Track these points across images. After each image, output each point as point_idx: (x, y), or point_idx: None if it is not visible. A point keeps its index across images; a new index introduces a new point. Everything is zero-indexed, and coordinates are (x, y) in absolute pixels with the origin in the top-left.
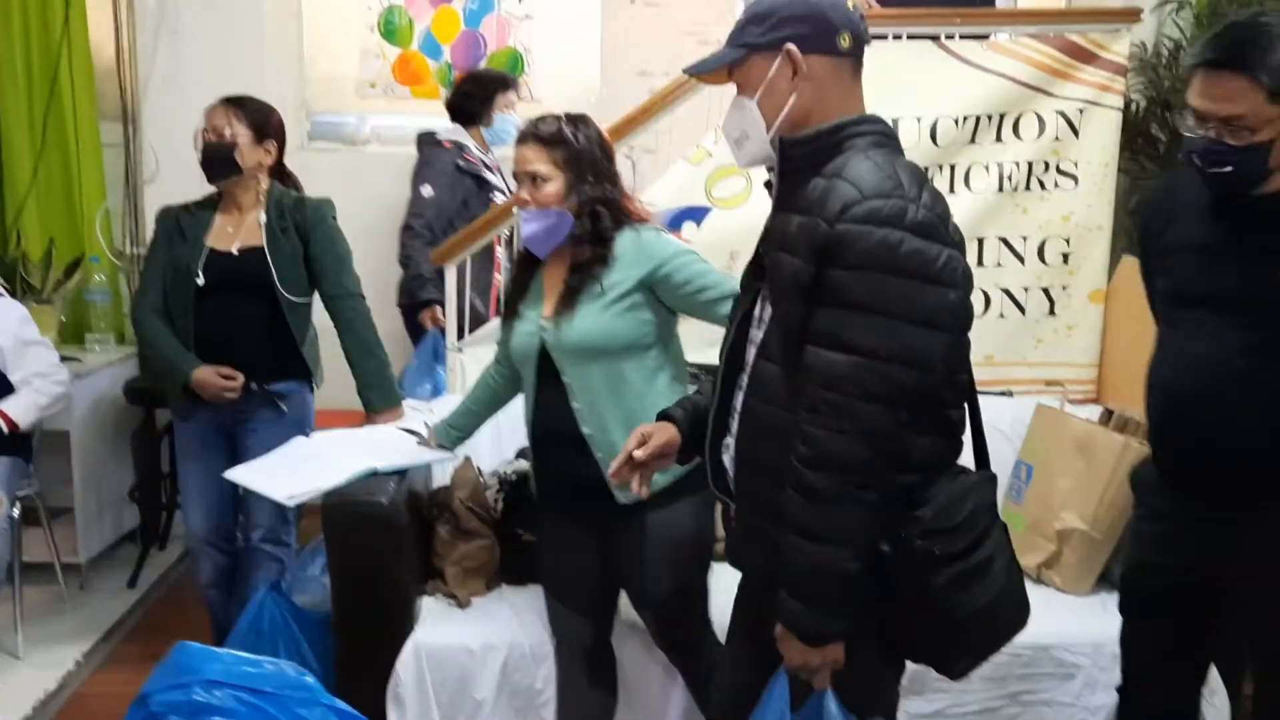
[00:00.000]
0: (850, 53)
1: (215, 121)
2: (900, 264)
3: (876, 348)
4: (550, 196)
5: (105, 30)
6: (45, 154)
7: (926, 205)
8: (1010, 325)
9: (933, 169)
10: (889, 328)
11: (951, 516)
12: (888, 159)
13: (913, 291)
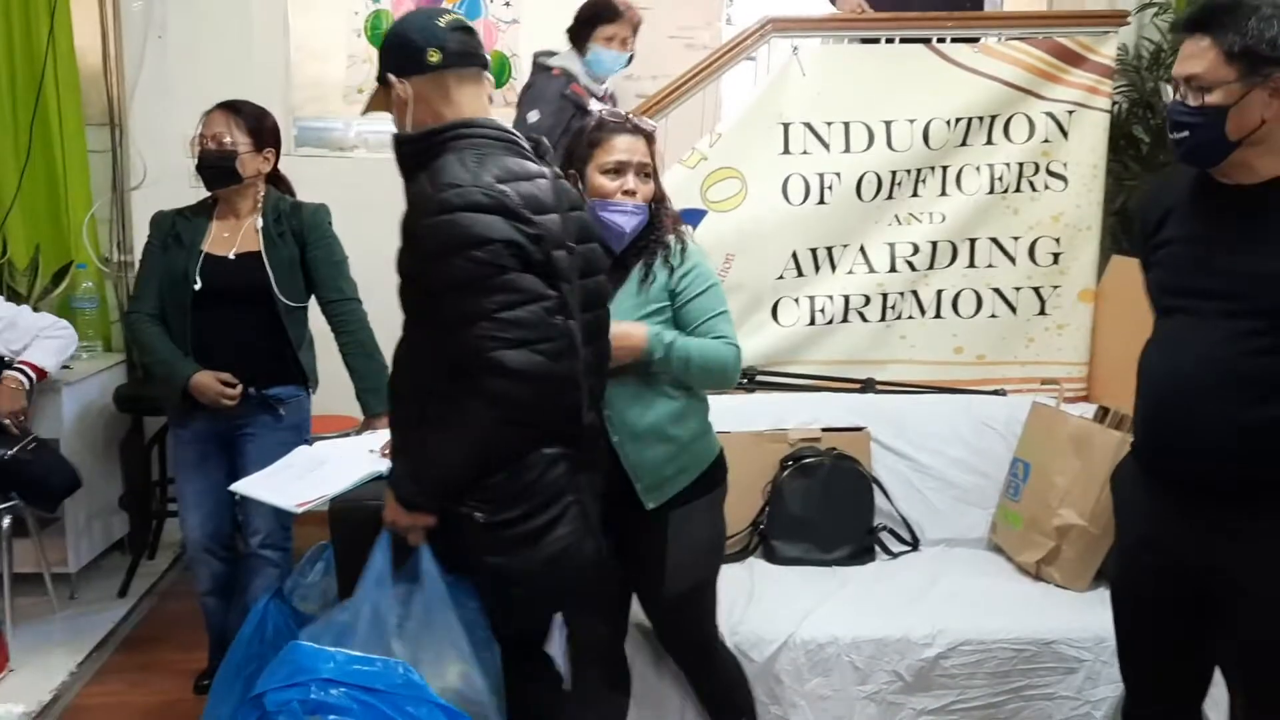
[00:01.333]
0: (446, 64)
1: (215, 129)
2: (466, 238)
3: (485, 311)
4: (650, 194)
5: (91, 36)
6: (31, 161)
7: (484, 187)
8: (1002, 325)
9: (925, 170)
10: (487, 287)
11: (506, 487)
12: (477, 158)
13: (490, 256)
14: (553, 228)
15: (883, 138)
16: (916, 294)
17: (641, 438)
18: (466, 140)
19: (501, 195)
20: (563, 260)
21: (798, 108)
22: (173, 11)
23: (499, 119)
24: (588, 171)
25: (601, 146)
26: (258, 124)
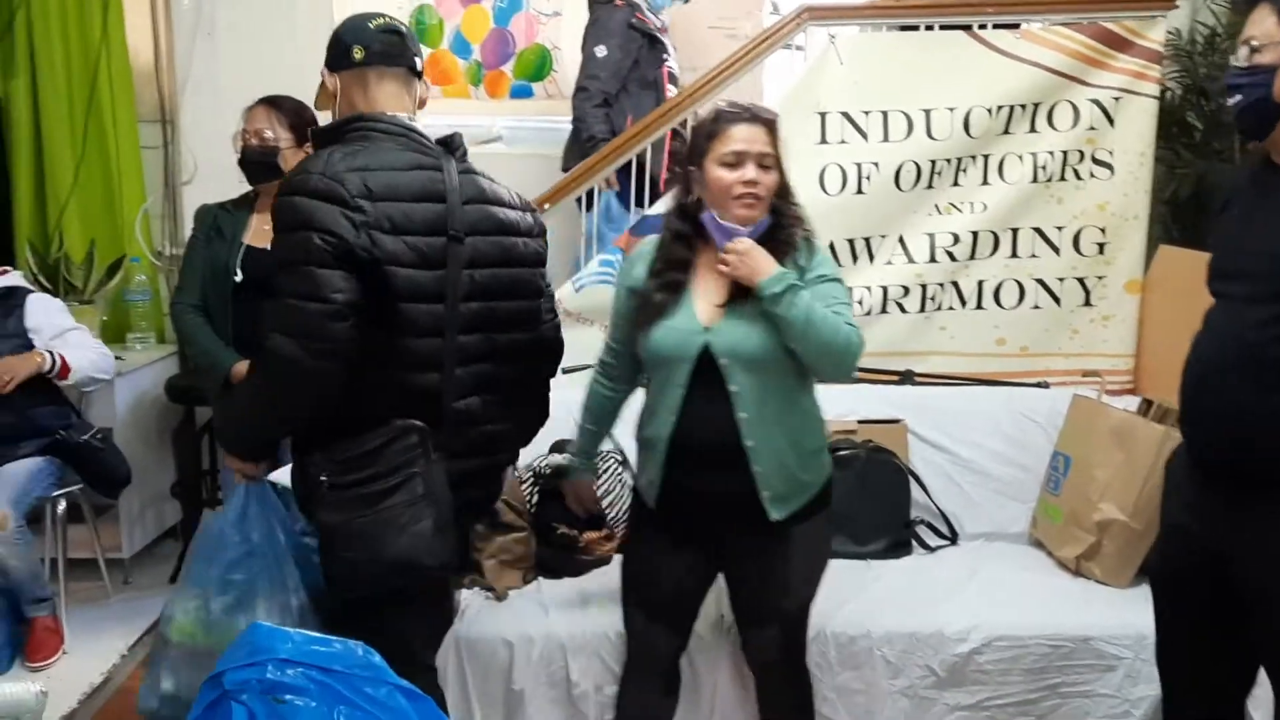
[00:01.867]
0: (367, 62)
1: (256, 124)
2: (292, 220)
3: (288, 291)
4: (774, 184)
5: (143, 34)
6: (86, 157)
7: (329, 174)
8: (1045, 316)
9: (965, 159)
10: (294, 272)
11: (350, 450)
12: (352, 149)
13: (302, 241)
14: (411, 216)
15: (922, 126)
16: (957, 285)
17: (776, 447)
18: (359, 132)
19: (337, 182)
20: (412, 248)
21: (835, 97)
22: (221, 9)
23: (406, 116)
24: (706, 164)
25: (719, 137)
26: (298, 119)
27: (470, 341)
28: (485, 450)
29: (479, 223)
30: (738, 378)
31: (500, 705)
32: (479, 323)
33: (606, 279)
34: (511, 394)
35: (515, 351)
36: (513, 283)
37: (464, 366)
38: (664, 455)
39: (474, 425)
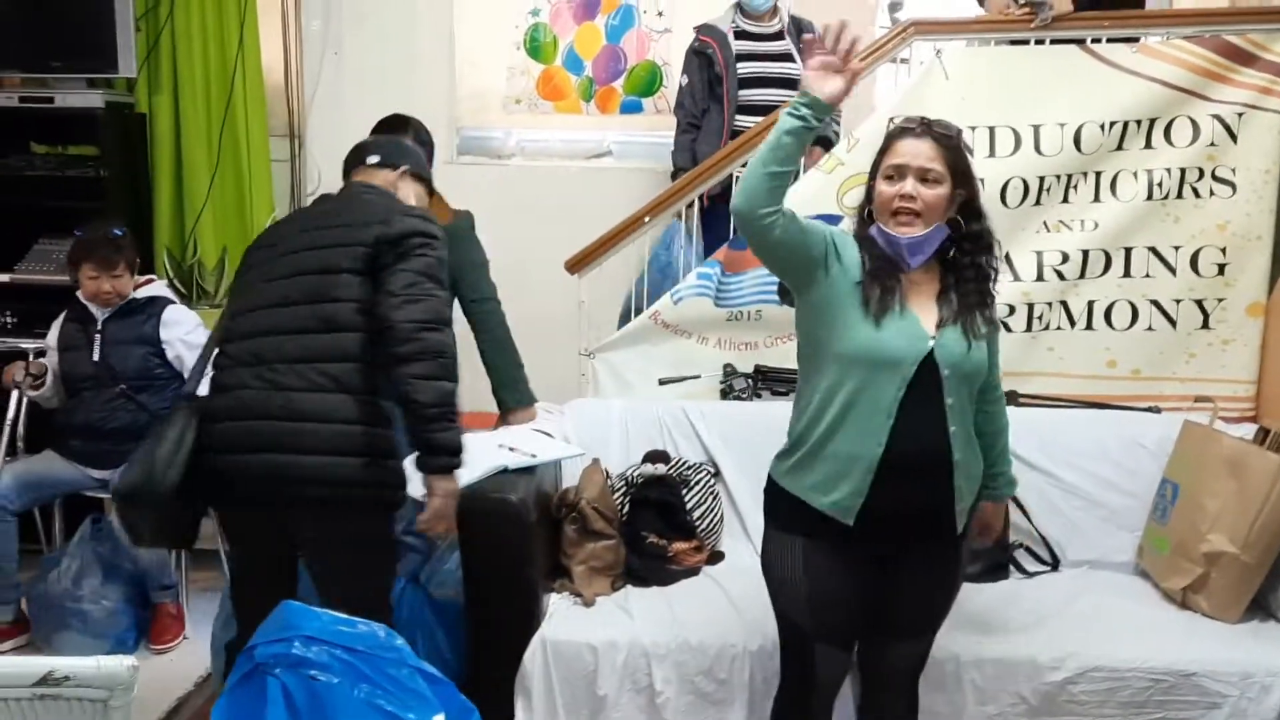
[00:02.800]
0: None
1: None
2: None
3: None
4: (937, 199)
5: (276, 54)
6: (220, 169)
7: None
8: (1159, 339)
9: (1076, 176)
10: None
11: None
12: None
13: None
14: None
15: (1030, 142)
16: (1066, 304)
17: (971, 460)
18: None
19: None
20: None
21: (940, 112)
22: (348, 30)
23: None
24: (876, 180)
25: (886, 151)
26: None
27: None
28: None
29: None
30: (955, 390)
31: (584, 709)
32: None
33: (704, 291)
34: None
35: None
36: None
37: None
38: (873, 470)
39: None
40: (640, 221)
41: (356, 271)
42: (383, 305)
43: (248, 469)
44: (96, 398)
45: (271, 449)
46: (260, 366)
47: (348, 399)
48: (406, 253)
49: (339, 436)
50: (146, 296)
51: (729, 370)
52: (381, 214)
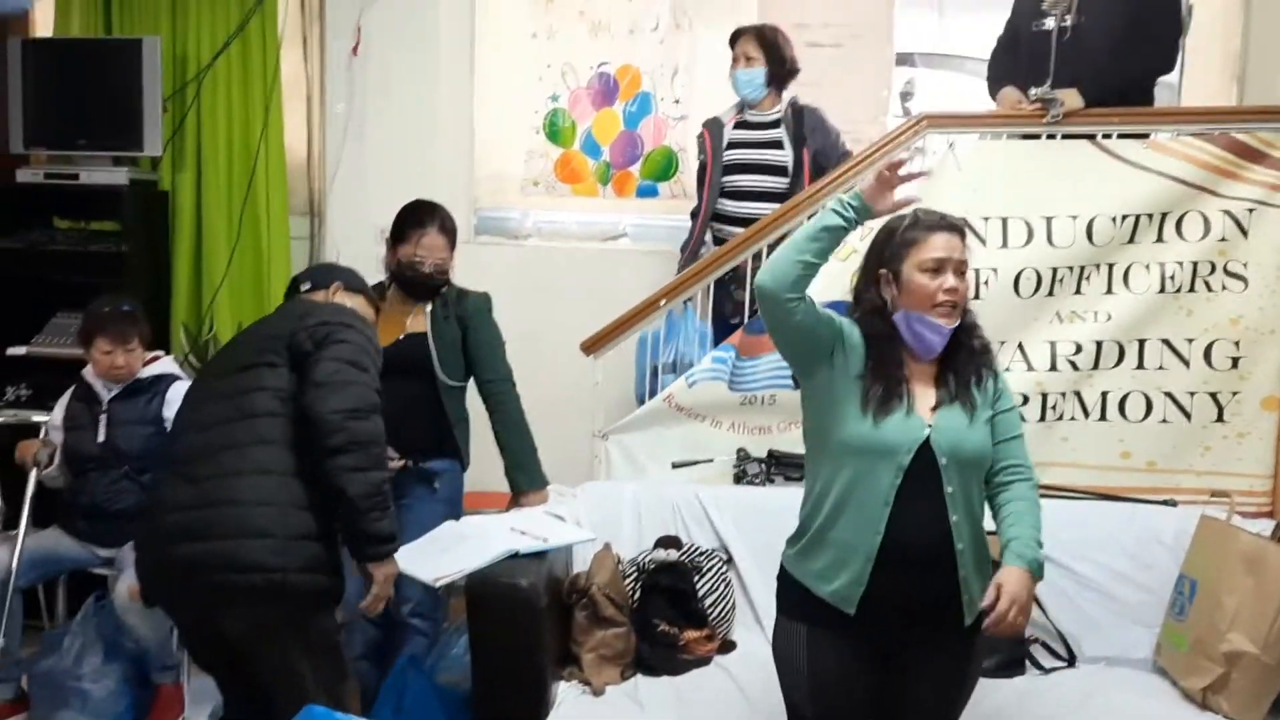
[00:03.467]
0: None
1: (438, 255)
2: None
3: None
4: (966, 292)
5: (299, 134)
6: (240, 246)
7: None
8: (1174, 431)
9: (1089, 267)
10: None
11: None
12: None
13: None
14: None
15: (1043, 233)
16: (1079, 395)
17: (975, 549)
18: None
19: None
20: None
21: (952, 203)
22: (370, 113)
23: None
24: (904, 269)
25: (919, 245)
26: (456, 237)
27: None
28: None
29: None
30: (953, 478)
31: None
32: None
33: (719, 375)
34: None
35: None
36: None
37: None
38: (873, 559)
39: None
40: (656, 305)
41: (272, 364)
42: (307, 396)
43: (163, 566)
44: (102, 478)
45: (184, 538)
46: (179, 465)
47: (263, 479)
48: (325, 340)
49: (252, 518)
50: (152, 375)
51: (742, 454)
52: (301, 311)
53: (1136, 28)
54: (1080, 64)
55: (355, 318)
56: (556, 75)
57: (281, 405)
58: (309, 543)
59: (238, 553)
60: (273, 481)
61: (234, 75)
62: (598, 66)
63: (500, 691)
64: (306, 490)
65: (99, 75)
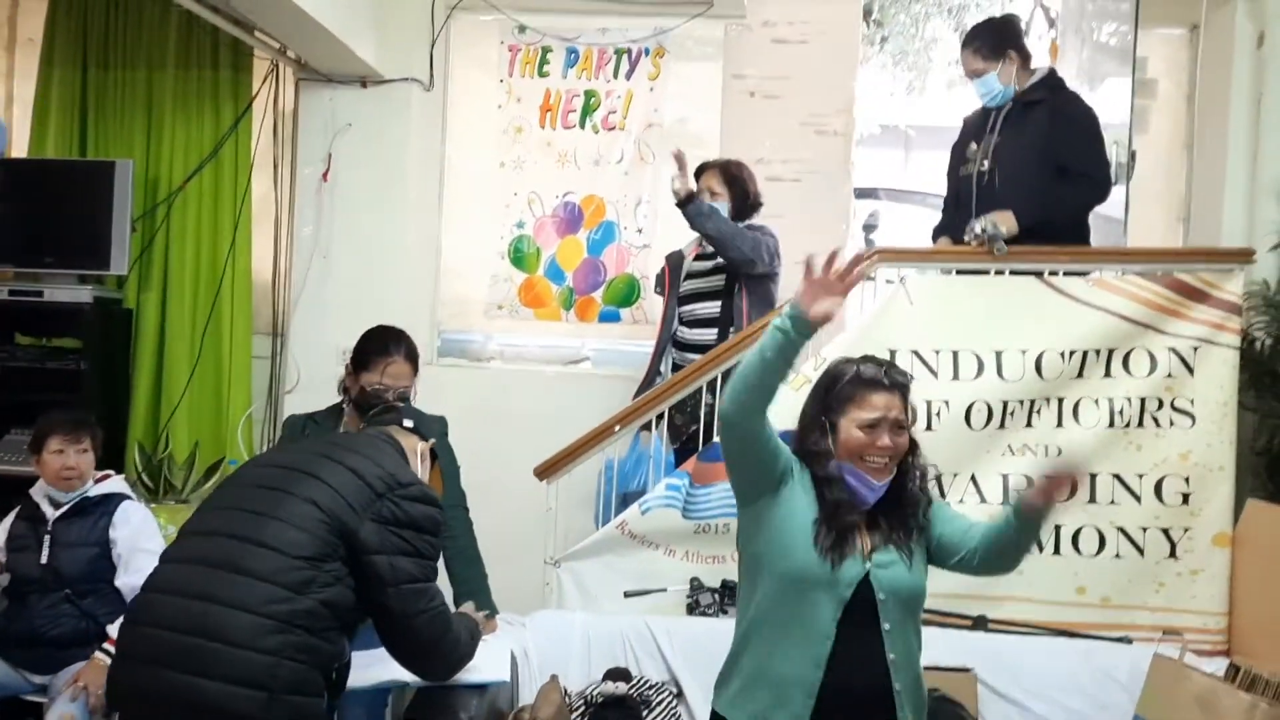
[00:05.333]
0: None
1: (403, 383)
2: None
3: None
4: (904, 447)
5: (265, 256)
6: (200, 365)
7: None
8: (1128, 566)
9: (1039, 401)
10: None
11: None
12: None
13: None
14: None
15: (993, 367)
16: None
17: (913, 689)
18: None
19: None
20: None
21: (904, 335)
22: (337, 235)
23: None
24: (841, 423)
25: (856, 401)
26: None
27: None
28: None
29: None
30: (891, 615)
31: None
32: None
33: (672, 503)
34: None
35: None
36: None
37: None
38: (814, 696)
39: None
40: (610, 431)
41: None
42: (389, 591)
43: (145, 683)
44: (40, 601)
45: (169, 665)
46: (200, 568)
47: (270, 625)
48: (420, 527)
49: (248, 664)
50: (101, 494)
51: (695, 584)
52: (395, 471)
53: (1049, 171)
54: (1002, 205)
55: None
56: (523, 203)
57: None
58: (301, 698)
59: (218, 697)
60: (282, 630)
61: (204, 197)
62: (563, 195)
63: None
64: (307, 637)
65: (70, 195)
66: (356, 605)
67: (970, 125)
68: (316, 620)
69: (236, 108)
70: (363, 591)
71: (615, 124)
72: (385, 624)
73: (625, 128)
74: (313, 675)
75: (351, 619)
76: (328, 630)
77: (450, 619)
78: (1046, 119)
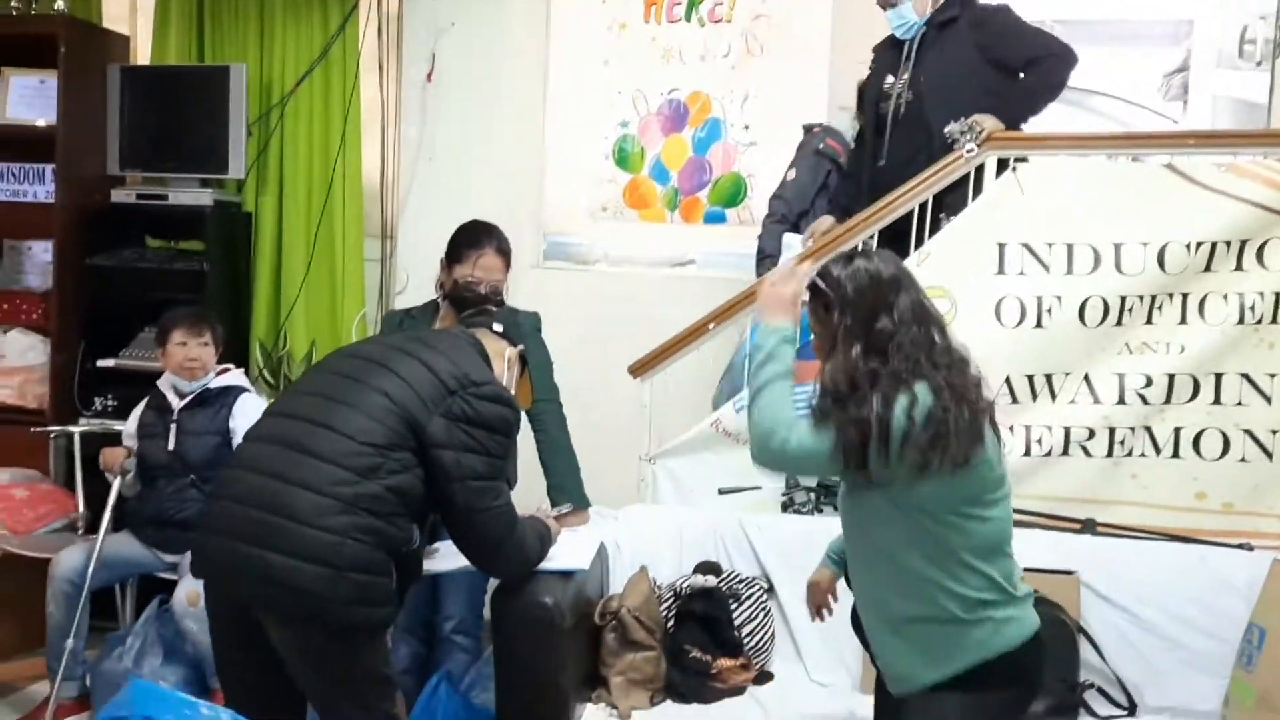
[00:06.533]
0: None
1: (490, 274)
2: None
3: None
4: None
5: (374, 159)
6: (314, 266)
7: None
8: (1254, 471)
9: (1161, 297)
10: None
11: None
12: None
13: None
14: None
15: (1110, 260)
16: (1150, 430)
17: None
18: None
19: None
20: None
21: (1015, 227)
22: (440, 137)
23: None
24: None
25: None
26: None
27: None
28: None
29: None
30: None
31: None
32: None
33: None
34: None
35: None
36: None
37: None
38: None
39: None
40: (705, 328)
41: (406, 385)
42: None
43: (219, 554)
44: (168, 486)
45: (239, 536)
46: (275, 447)
47: (335, 505)
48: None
49: (310, 541)
50: (221, 386)
51: (791, 483)
52: (473, 369)
53: (985, 84)
54: (932, 130)
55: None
56: (627, 101)
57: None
58: (367, 576)
59: (289, 572)
60: (338, 506)
61: (315, 101)
62: (668, 93)
63: (522, 712)
64: (372, 519)
65: (190, 101)
66: (425, 495)
67: (883, 59)
68: (382, 505)
69: (344, 9)
70: (430, 483)
71: (721, 16)
72: (452, 518)
73: (732, 20)
74: (378, 556)
75: (420, 507)
76: (394, 515)
77: (516, 519)
78: (966, 32)
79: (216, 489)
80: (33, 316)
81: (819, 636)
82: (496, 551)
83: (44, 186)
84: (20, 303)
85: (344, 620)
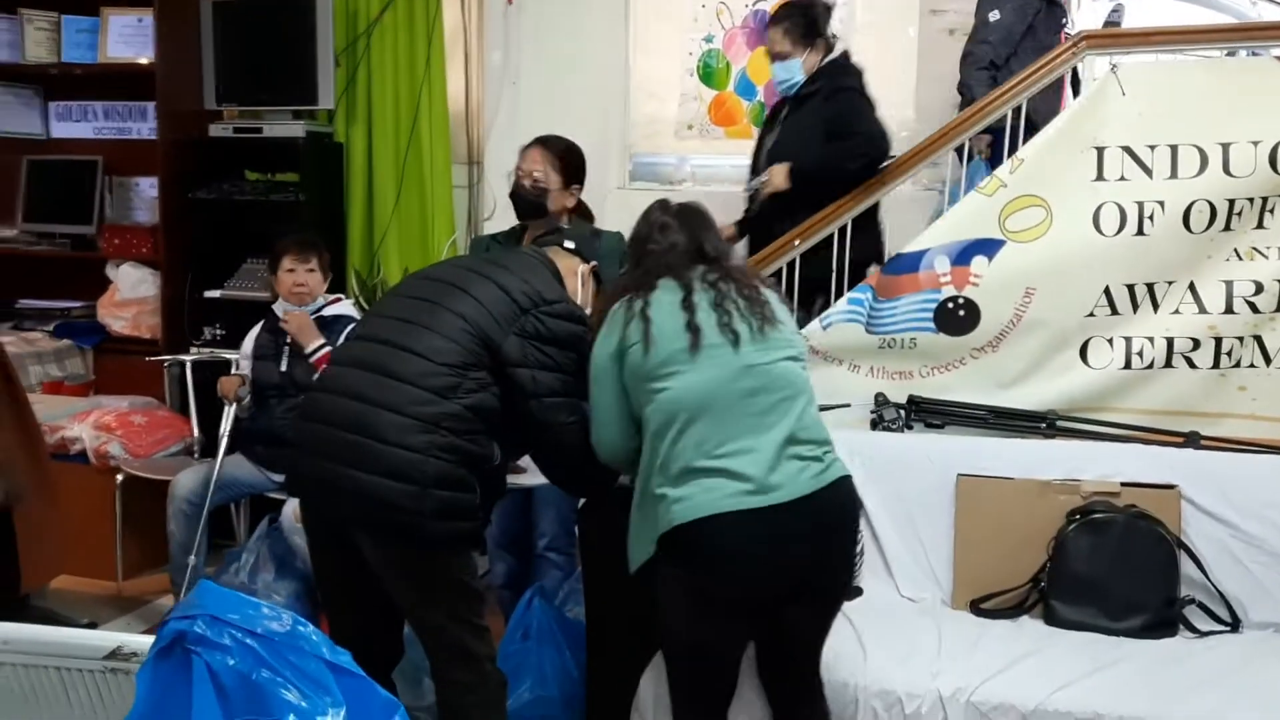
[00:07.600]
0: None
1: (529, 165)
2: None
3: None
4: None
5: (458, 85)
6: (404, 193)
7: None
8: None
9: (1272, 199)
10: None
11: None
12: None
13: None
14: None
15: (1218, 162)
16: (1260, 340)
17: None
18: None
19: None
20: None
21: (1115, 130)
22: (525, 61)
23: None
24: None
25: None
26: (568, 161)
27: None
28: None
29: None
30: None
31: None
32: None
33: (855, 318)
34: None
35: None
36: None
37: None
38: None
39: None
40: (790, 244)
41: (480, 308)
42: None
43: (311, 474)
44: (279, 405)
45: (328, 456)
46: (358, 370)
47: (416, 425)
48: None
49: (392, 459)
50: (332, 315)
51: (880, 400)
52: (545, 286)
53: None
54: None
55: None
56: (711, 16)
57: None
58: (449, 491)
59: (376, 490)
60: (419, 425)
61: (400, 28)
62: (753, 4)
63: (609, 623)
64: (453, 438)
65: (278, 32)
66: (503, 413)
67: (772, 112)
68: (462, 423)
69: None
70: (508, 401)
71: None
72: (531, 435)
73: None
74: (460, 472)
75: (500, 425)
76: (474, 433)
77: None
78: (820, 105)
79: (305, 410)
80: (143, 250)
81: (909, 552)
82: (575, 468)
83: (147, 124)
84: (131, 237)
85: (431, 534)
